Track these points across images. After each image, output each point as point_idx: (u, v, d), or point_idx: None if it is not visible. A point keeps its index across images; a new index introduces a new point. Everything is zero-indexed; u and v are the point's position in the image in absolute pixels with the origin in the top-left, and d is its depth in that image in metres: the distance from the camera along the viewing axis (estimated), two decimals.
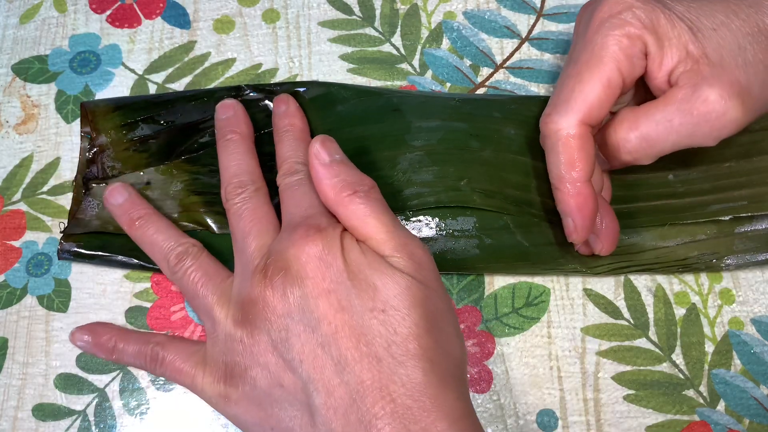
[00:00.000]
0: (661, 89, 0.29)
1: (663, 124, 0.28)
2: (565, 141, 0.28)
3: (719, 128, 0.28)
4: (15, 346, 0.33)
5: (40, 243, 0.34)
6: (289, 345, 0.25)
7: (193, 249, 0.30)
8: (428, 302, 0.26)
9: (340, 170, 0.28)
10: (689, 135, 0.28)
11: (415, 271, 0.26)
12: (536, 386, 0.31)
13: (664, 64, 0.28)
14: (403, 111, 0.34)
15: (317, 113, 0.35)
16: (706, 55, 0.28)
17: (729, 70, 0.27)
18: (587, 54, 0.29)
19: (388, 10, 0.39)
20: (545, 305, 0.33)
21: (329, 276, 0.26)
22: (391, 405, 0.24)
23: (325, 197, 0.28)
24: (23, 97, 0.37)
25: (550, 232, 0.33)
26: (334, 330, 0.25)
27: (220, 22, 0.39)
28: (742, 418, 0.31)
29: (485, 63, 0.38)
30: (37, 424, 0.31)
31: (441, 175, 0.33)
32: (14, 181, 0.36)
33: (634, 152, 0.29)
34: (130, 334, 0.31)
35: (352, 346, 0.25)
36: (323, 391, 0.25)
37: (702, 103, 0.27)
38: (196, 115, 0.35)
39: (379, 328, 0.25)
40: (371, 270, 0.26)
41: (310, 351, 0.25)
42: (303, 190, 0.30)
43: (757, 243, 0.33)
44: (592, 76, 0.28)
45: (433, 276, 0.27)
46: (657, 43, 0.28)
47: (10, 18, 0.39)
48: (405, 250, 0.26)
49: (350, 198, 0.27)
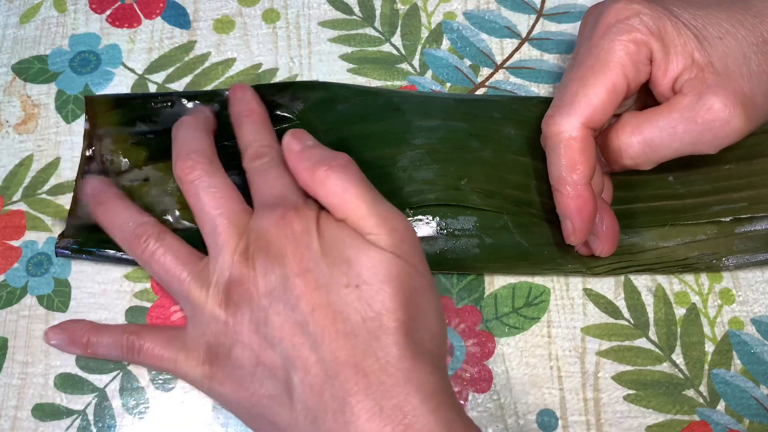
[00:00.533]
0: (665, 96, 0.29)
1: (666, 131, 0.28)
2: (566, 143, 0.29)
3: (722, 137, 0.28)
4: (15, 346, 0.33)
5: (40, 243, 0.34)
6: (269, 323, 0.26)
7: (154, 230, 0.30)
8: (405, 277, 0.26)
9: (313, 152, 0.28)
10: (692, 142, 0.28)
11: (395, 246, 0.26)
12: (536, 386, 0.31)
13: (669, 70, 0.28)
14: (404, 110, 0.35)
15: (318, 113, 0.35)
16: (711, 64, 0.28)
17: (734, 79, 0.27)
18: (593, 58, 0.29)
19: (388, 10, 0.39)
20: (545, 305, 0.33)
21: (307, 255, 0.26)
22: (365, 380, 0.24)
23: (303, 180, 0.28)
24: (23, 97, 0.37)
25: (550, 233, 0.33)
26: (312, 308, 0.25)
27: (220, 22, 0.39)
28: (742, 418, 0.31)
29: (485, 63, 0.38)
30: (36, 424, 0.31)
31: (441, 173, 0.33)
32: (14, 181, 0.36)
33: (636, 158, 0.29)
34: (104, 327, 0.31)
35: (329, 323, 0.25)
36: (301, 368, 0.25)
37: (706, 111, 0.27)
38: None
39: (355, 303, 0.25)
40: (346, 246, 0.26)
41: (288, 329, 0.25)
42: (275, 173, 0.30)
43: (757, 243, 0.33)
44: (597, 81, 0.28)
45: (414, 251, 0.27)
46: (663, 49, 0.28)
47: (10, 18, 0.39)
48: (386, 226, 0.26)
49: (326, 173, 0.27)
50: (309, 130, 0.34)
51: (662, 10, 0.29)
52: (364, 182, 0.27)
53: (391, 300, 0.25)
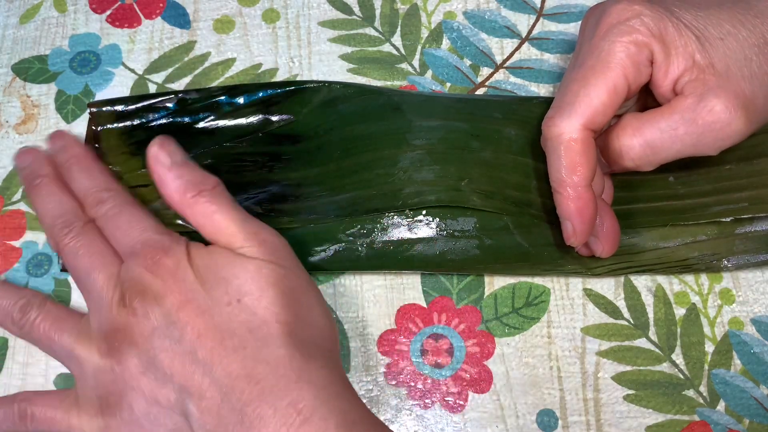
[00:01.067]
0: (666, 97, 0.29)
1: (667, 133, 0.28)
2: (567, 145, 0.28)
3: (723, 138, 0.28)
4: (15, 346, 0.33)
5: (40, 243, 0.34)
6: (158, 362, 0.26)
7: (34, 300, 0.30)
8: (284, 280, 0.27)
9: (182, 172, 0.28)
10: (693, 144, 0.28)
11: (268, 255, 0.27)
12: (536, 386, 0.31)
13: (670, 72, 0.28)
14: (404, 110, 0.34)
15: (318, 112, 0.35)
16: (712, 65, 0.28)
17: (735, 80, 0.27)
18: (593, 59, 0.29)
19: (388, 10, 0.39)
20: (545, 305, 0.33)
21: (184, 287, 0.26)
22: (258, 387, 0.24)
23: (171, 200, 0.28)
24: (23, 97, 0.37)
25: (550, 233, 0.33)
26: (198, 335, 0.26)
27: (220, 22, 0.39)
28: (742, 418, 0.31)
29: (485, 63, 0.38)
30: None
31: (442, 174, 0.33)
32: (14, 181, 0.36)
33: (637, 159, 0.29)
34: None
35: (217, 344, 0.25)
36: (196, 395, 0.25)
37: (708, 113, 0.27)
38: (194, 116, 0.35)
39: (240, 316, 0.26)
40: (220, 267, 0.27)
41: (178, 362, 0.26)
42: (126, 217, 0.29)
43: (758, 244, 0.33)
44: (598, 82, 0.28)
45: (288, 256, 0.28)
46: (664, 51, 0.28)
47: (10, 18, 0.39)
48: (256, 238, 0.27)
49: (195, 198, 0.27)
50: (309, 130, 0.34)
51: (663, 11, 0.29)
52: (232, 203, 0.28)
53: (273, 304, 0.26)
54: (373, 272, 0.33)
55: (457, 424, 0.31)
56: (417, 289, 0.33)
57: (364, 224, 0.32)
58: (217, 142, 0.32)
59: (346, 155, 0.34)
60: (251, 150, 0.34)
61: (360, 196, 0.33)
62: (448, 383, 0.31)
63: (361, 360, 0.32)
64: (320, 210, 0.33)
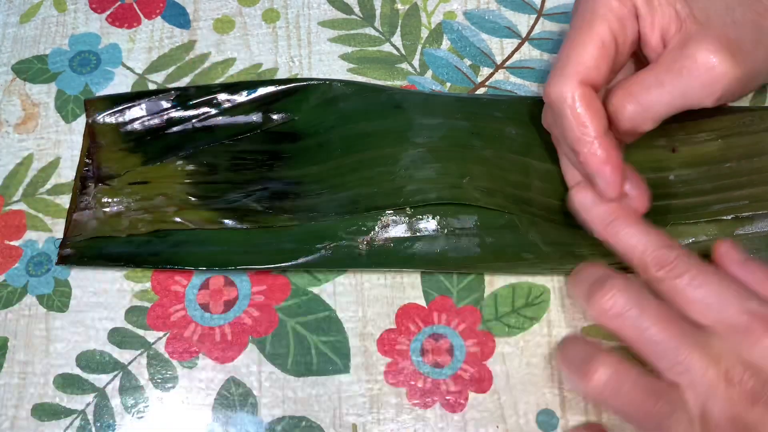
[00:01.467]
0: (658, 53, 0.30)
1: (655, 87, 0.28)
2: (570, 104, 0.29)
3: (710, 84, 0.28)
4: (15, 345, 0.33)
5: (40, 243, 0.34)
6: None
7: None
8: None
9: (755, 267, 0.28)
10: (682, 95, 0.28)
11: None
12: (536, 386, 0.31)
13: (656, 23, 0.29)
14: (405, 108, 0.34)
15: (319, 110, 0.35)
16: (692, 15, 0.28)
17: (715, 27, 0.28)
18: (579, 20, 0.29)
19: (388, 10, 0.39)
20: (545, 305, 0.33)
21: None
22: None
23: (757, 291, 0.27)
24: (23, 97, 0.37)
25: (551, 232, 0.33)
26: None
27: (220, 21, 0.39)
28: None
29: (485, 63, 0.38)
30: (36, 424, 0.31)
31: (443, 172, 0.33)
32: (14, 181, 0.36)
33: (631, 119, 0.29)
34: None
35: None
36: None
37: (689, 60, 0.28)
38: (193, 113, 0.35)
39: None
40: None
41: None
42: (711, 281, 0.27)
43: (758, 245, 0.33)
44: (584, 39, 0.29)
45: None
46: (647, 3, 0.29)
47: (10, 17, 0.39)
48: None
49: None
50: (310, 128, 0.35)
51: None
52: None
53: None
54: (374, 271, 0.33)
55: (457, 424, 0.31)
56: (417, 289, 0.33)
57: (365, 222, 0.32)
58: (217, 139, 0.33)
59: (346, 153, 0.34)
60: (251, 148, 0.34)
61: (361, 193, 0.33)
62: (448, 383, 0.31)
63: (361, 359, 0.32)
64: (321, 208, 0.33)
